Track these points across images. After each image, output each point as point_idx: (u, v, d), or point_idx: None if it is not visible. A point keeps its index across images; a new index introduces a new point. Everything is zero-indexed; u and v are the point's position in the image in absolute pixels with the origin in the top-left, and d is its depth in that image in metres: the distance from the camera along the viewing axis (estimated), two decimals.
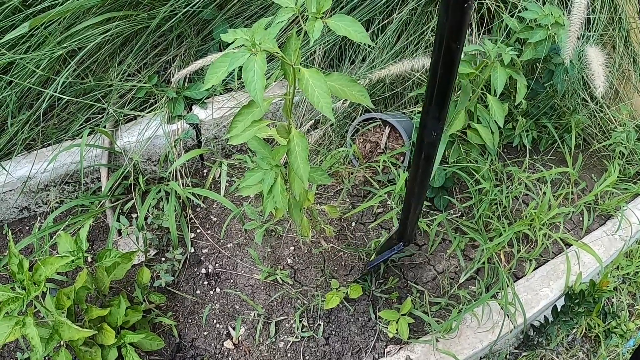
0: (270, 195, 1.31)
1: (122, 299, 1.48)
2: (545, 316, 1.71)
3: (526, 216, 1.77)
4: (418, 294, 1.66)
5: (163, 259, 1.73)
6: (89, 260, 1.73)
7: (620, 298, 1.84)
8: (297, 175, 1.21)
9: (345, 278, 1.69)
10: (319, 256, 1.72)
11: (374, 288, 1.66)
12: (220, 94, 1.84)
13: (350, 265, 1.71)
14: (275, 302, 1.65)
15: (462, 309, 1.60)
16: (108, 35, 1.69)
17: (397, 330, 1.56)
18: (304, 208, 1.62)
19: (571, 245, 1.77)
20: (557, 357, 1.78)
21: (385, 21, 1.81)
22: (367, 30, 1.82)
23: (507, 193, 1.79)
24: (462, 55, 1.80)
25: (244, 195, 1.31)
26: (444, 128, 1.08)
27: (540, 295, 1.67)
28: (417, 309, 1.62)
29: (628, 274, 1.87)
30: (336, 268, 1.71)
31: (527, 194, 1.85)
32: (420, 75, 1.79)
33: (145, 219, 1.74)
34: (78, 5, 1.62)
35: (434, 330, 1.58)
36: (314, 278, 1.69)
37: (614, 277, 1.80)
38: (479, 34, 1.80)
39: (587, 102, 1.93)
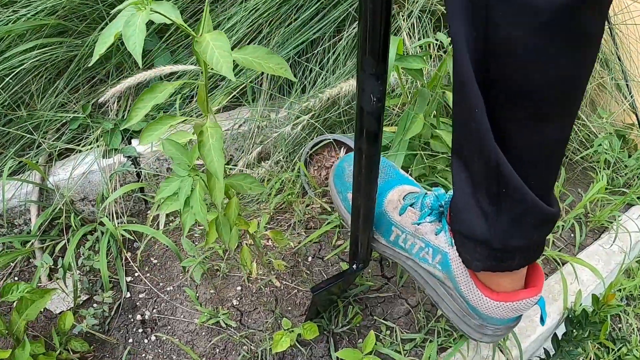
0: (189, 208, 1.05)
1: (26, 341, 1.19)
2: (545, 349, 1.38)
3: None
4: (388, 332, 1.35)
5: (94, 305, 1.45)
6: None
7: (628, 320, 1.50)
8: (210, 171, 0.96)
9: (299, 319, 1.39)
10: (269, 295, 1.43)
11: (333, 327, 1.35)
12: None
13: (305, 304, 1.41)
14: (217, 350, 1.34)
15: (441, 344, 1.28)
16: (38, 62, 1.50)
17: None
18: (242, 235, 1.36)
19: (566, 262, 1.46)
20: None
21: (336, 38, 1.62)
22: (318, 47, 1.62)
23: None
24: (417, 50, 1.58)
25: (164, 211, 1.05)
26: (385, 92, 0.83)
27: (536, 321, 1.35)
28: (386, 347, 1.30)
29: (632, 294, 1.54)
30: (289, 308, 1.41)
31: None
32: None
33: (78, 259, 1.48)
34: (5, 30, 1.45)
35: None
36: (263, 320, 1.39)
37: (617, 299, 1.48)
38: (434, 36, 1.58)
39: None
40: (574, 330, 1.37)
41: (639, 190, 1.64)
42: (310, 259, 1.50)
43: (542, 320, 1.02)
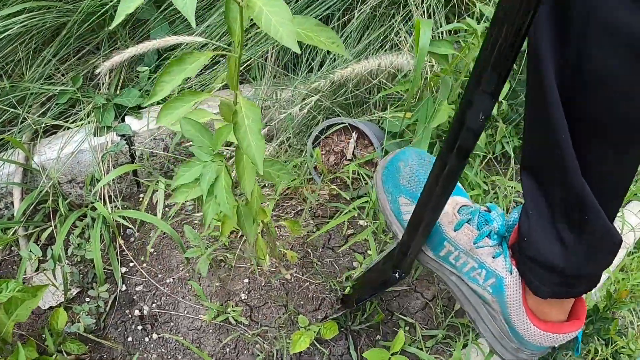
0: (212, 197, 0.90)
1: (20, 348, 1.03)
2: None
3: None
4: (407, 327, 1.25)
5: (87, 300, 1.28)
6: None
7: (622, 315, 1.46)
8: (247, 155, 0.82)
9: (314, 314, 1.27)
10: (279, 289, 1.30)
11: (350, 323, 1.25)
12: (158, 102, 1.45)
13: (319, 298, 1.30)
14: (227, 349, 1.21)
15: (466, 342, 1.20)
16: (24, 28, 1.29)
17: None
18: (259, 224, 1.22)
19: None
20: None
21: (345, 17, 1.48)
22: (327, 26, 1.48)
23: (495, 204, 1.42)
24: (443, 35, 1.47)
25: (178, 201, 0.91)
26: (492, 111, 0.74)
27: None
28: (410, 345, 1.20)
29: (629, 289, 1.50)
30: (302, 302, 1.29)
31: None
32: (383, 78, 1.46)
33: (67, 249, 1.31)
34: None
35: None
36: (275, 316, 1.26)
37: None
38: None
39: None
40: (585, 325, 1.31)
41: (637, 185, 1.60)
42: (320, 249, 1.38)
43: (577, 351, 1.00)
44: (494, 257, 0.93)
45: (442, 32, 1.44)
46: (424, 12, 1.49)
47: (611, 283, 1.43)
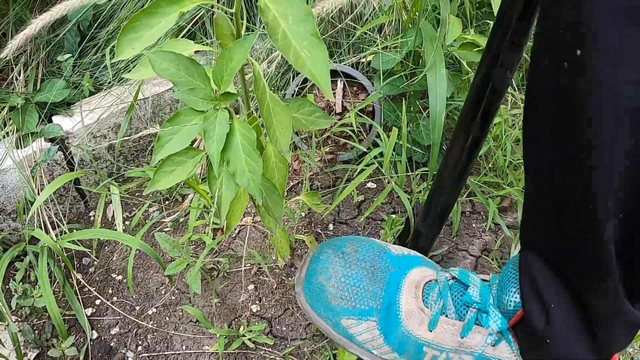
0: (222, 161, 0.51)
1: None
2: None
3: None
4: None
5: None
6: None
7: None
8: (303, 69, 0.46)
9: None
10: None
11: None
12: (91, 92, 1.04)
13: None
14: None
15: None
16: None
17: None
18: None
19: None
20: None
21: None
22: None
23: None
24: None
25: (160, 188, 0.53)
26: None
27: None
28: None
29: None
30: None
31: None
32: (350, 21, 1.13)
33: (10, 301, 0.89)
34: None
35: None
36: (303, 323, 0.89)
37: None
38: None
39: None
40: None
41: None
42: (331, 226, 1.02)
43: None
44: (494, 345, 0.65)
45: None
46: None
47: None
